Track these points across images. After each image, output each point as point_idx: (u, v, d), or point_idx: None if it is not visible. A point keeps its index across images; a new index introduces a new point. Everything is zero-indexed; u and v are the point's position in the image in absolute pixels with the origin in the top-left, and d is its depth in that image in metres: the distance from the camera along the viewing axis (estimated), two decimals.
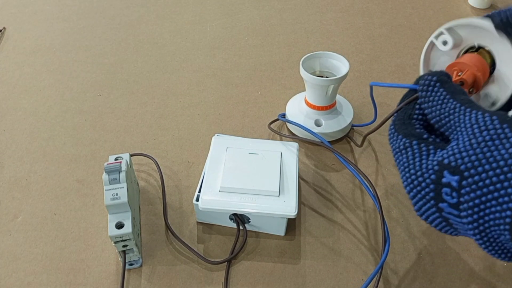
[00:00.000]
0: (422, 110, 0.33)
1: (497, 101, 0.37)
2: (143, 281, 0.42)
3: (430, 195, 0.29)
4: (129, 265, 0.43)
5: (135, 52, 0.69)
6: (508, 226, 0.25)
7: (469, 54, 0.37)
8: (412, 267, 0.43)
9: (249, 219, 0.44)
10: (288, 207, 0.42)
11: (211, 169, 0.46)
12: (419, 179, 0.29)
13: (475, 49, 0.38)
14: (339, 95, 0.57)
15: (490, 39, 0.36)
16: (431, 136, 0.32)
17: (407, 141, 0.31)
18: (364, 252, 0.44)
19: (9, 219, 0.47)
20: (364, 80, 0.63)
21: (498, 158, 0.25)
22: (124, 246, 0.40)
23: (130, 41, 0.71)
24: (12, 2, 0.80)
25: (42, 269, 0.43)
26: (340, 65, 0.52)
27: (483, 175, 0.26)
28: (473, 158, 0.26)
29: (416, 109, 0.33)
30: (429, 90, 0.31)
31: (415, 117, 0.33)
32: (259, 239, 0.45)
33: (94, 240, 0.45)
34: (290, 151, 0.48)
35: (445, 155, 0.28)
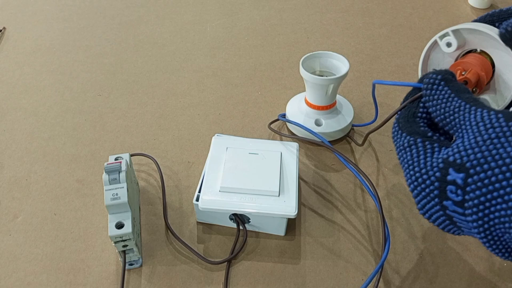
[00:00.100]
0: (426, 108, 0.33)
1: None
2: (143, 281, 0.42)
3: (435, 193, 0.29)
4: (129, 265, 0.43)
5: (135, 52, 0.69)
6: None
7: (472, 54, 0.37)
8: (412, 267, 0.43)
9: (249, 219, 0.44)
10: (288, 207, 0.42)
11: (211, 169, 0.46)
12: (424, 177, 0.29)
13: (476, 52, 0.38)
14: (339, 95, 0.57)
15: (493, 46, 0.36)
16: (435, 134, 0.32)
17: (411, 139, 0.31)
18: (364, 252, 0.44)
19: (9, 219, 0.47)
20: (364, 80, 0.63)
21: (504, 156, 0.25)
22: (124, 246, 0.40)
23: (130, 41, 0.71)
24: (12, 2, 0.80)
25: (42, 269, 0.43)
26: (340, 65, 0.52)
27: (489, 173, 0.26)
28: (479, 155, 0.26)
29: (420, 107, 0.33)
30: (433, 89, 0.31)
31: (419, 115, 0.33)
32: (259, 239, 0.45)
33: (94, 240, 0.45)
34: (290, 151, 0.47)
35: (450, 152, 0.28)
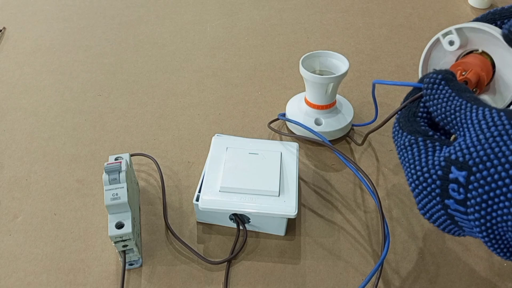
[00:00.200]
0: (426, 108, 0.33)
1: None
2: (143, 281, 0.42)
3: (436, 191, 0.29)
4: (129, 265, 0.43)
5: (135, 52, 0.69)
6: None
7: (473, 54, 0.37)
8: (413, 267, 0.43)
9: (249, 219, 0.44)
10: (288, 207, 0.42)
11: (211, 169, 0.46)
12: (425, 175, 0.29)
13: (477, 52, 0.38)
14: (339, 95, 0.56)
15: (495, 46, 0.35)
16: (436, 133, 0.31)
17: (412, 138, 0.31)
18: (364, 252, 0.44)
19: (9, 219, 0.47)
20: (364, 80, 0.63)
21: (507, 153, 0.25)
22: (124, 246, 0.40)
23: (130, 41, 0.71)
24: (12, 2, 0.80)
25: (42, 269, 0.43)
26: (340, 64, 0.52)
27: (492, 170, 0.25)
28: (481, 153, 0.26)
29: (420, 107, 0.33)
30: (434, 88, 0.31)
31: (419, 115, 0.33)
32: (259, 239, 0.45)
33: (94, 240, 0.45)
34: (290, 151, 0.47)
35: (452, 151, 0.28)
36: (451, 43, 0.38)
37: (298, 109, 0.54)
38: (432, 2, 0.79)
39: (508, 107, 0.38)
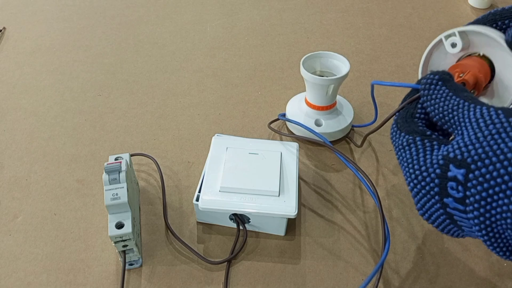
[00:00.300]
0: (424, 109, 0.33)
1: None
2: (143, 281, 0.42)
3: (435, 190, 0.29)
4: (129, 265, 0.43)
5: (135, 52, 0.69)
6: None
7: (471, 57, 0.37)
8: (413, 267, 0.43)
9: (249, 219, 0.44)
10: (288, 207, 0.42)
11: (211, 169, 0.46)
12: (424, 174, 0.29)
13: (477, 55, 0.38)
14: (339, 95, 0.56)
15: (497, 50, 0.35)
16: (434, 133, 0.32)
17: (410, 138, 0.31)
18: (364, 252, 0.44)
19: (9, 219, 0.47)
20: (364, 80, 0.63)
21: (506, 151, 0.25)
22: (124, 246, 0.40)
23: (130, 41, 0.71)
24: (12, 2, 0.80)
25: (42, 269, 0.43)
26: (341, 65, 0.52)
27: (491, 168, 0.25)
28: (479, 151, 0.26)
29: (418, 108, 0.33)
30: (431, 89, 0.32)
31: (417, 116, 0.33)
32: (259, 239, 0.45)
33: (94, 240, 0.45)
34: (290, 151, 0.47)
35: (450, 149, 0.28)
36: (454, 45, 0.37)
37: (298, 110, 0.54)
38: (432, 2, 0.79)
39: None
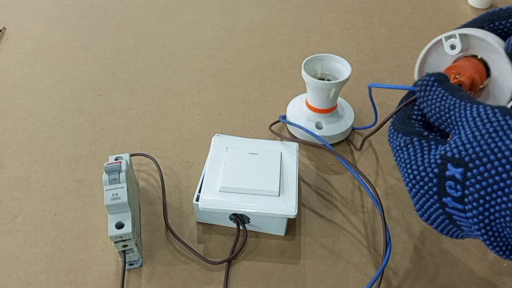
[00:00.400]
0: (421, 110, 0.33)
1: None
2: (143, 281, 0.42)
3: (433, 190, 0.29)
4: (129, 265, 0.43)
5: (135, 52, 0.69)
6: None
7: (467, 58, 0.37)
8: (412, 267, 0.43)
9: (249, 219, 0.44)
10: (288, 207, 0.42)
11: (211, 169, 0.46)
12: (422, 174, 0.29)
13: (472, 56, 0.38)
14: (339, 97, 0.56)
15: (495, 56, 0.35)
16: (431, 134, 0.32)
17: (407, 139, 0.31)
18: (364, 252, 0.44)
19: (9, 219, 0.47)
20: (364, 80, 0.63)
21: (504, 149, 0.25)
22: (124, 246, 0.40)
23: (130, 41, 0.71)
24: (12, 2, 0.80)
25: (42, 269, 0.43)
26: (342, 68, 0.52)
27: (489, 166, 0.26)
28: (477, 149, 0.26)
29: (415, 109, 0.33)
30: (427, 90, 0.32)
31: (414, 117, 0.33)
32: (259, 239, 0.45)
33: (94, 240, 0.45)
34: (290, 151, 0.47)
35: (447, 148, 0.28)
36: (453, 47, 0.37)
37: (299, 111, 0.54)
38: (432, 2, 0.79)
39: None
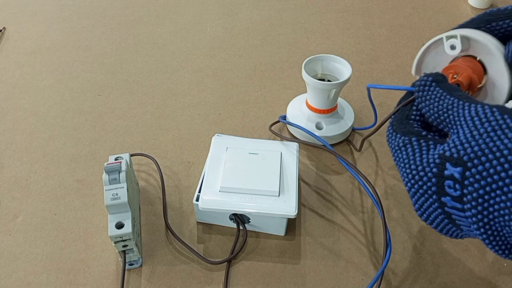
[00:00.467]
0: (419, 111, 0.33)
1: None
2: (143, 281, 0.42)
3: (432, 189, 0.29)
4: (129, 265, 0.43)
5: (135, 52, 0.69)
6: None
7: (464, 57, 0.37)
8: (412, 267, 0.43)
9: (249, 219, 0.44)
10: (288, 207, 0.42)
11: (211, 169, 0.46)
12: (421, 174, 0.29)
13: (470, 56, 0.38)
14: (339, 97, 0.56)
15: (493, 59, 0.35)
16: (429, 133, 0.32)
17: (406, 139, 0.31)
18: (364, 252, 0.44)
19: (9, 219, 0.47)
20: (364, 80, 0.63)
21: (502, 148, 0.25)
22: (124, 246, 0.40)
23: (130, 41, 0.71)
24: (12, 2, 0.80)
25: (42, 269, 0.43)
26: (342, 69, 0.52)
27: (487, 165, 0.26)
28: (476, 148, 0.26)
29: (413, 110, 0.33)
30: (425, 90, 0.32)
31: (412, 117, 0.33)
32: (259, 239, 0.45)
33: (94, 240, 0.45)
34: (290, 151, 0.48)
35: (446, 147, 0.28)
36: (453, 47, 0.37)
37: (299, 112, 0.54)
38: (432, 2, 0.79)
39: None
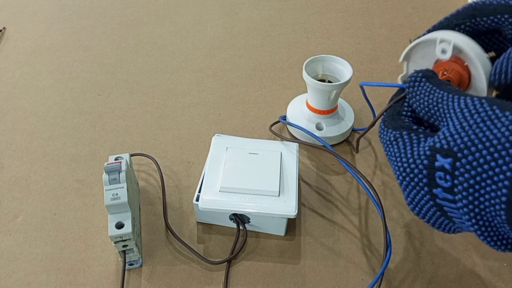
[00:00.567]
0: (410, 107, 0.33)
1: None
2: (143, 281, 0.42)
3: (424, 181, 0.29)
4: (129, 265, 0.43)
5: (135, 52, 0.69)
6: (504, 205, 0.25)
7: (455, 57, 0.37)
8: (412, 267, 0.43)
9: (249, 219, 0.44)
10: (288, 207, 0.42)
11: (211, 169, 0.46)
12: (411, 166, 0.29)
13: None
14: (340, 98, 0.56)
15: (477, 73, 0.35)
16: (420, 128, 0.32)
17: (397, 133, 0.32)
18: (364, 252, 0.44)
19: (9, 219, 0.47)
20: (364, 80, 0.63)
21: (491, 138, 0.25)
22: (124, 246, 0.40)
23: (130, 41, 0.71)
24: (12, 2, 0.80)
25: (42, 269, 0.43)
26: (343, 69, 0.51)
27: (477, 155, 0.26)
28: (465, 139, 0.26)
29: (404, 106, 0.34)
30: (415, 86, 0.32)
31: (403, 113, 0.34)
32: (259, 239, 0.45)
33: (94, 240, 0.45)
34: (290, 151, 0.48)
35: (436, 139, 0.28)
36: (444, 51, 0.37)
37: (299, 112, 0.54)
38: (432, 2, 0.79)
39: None
